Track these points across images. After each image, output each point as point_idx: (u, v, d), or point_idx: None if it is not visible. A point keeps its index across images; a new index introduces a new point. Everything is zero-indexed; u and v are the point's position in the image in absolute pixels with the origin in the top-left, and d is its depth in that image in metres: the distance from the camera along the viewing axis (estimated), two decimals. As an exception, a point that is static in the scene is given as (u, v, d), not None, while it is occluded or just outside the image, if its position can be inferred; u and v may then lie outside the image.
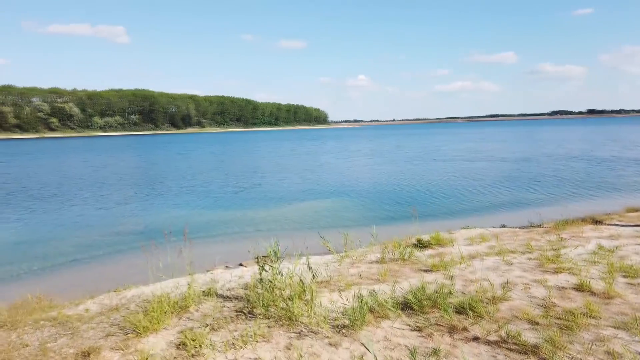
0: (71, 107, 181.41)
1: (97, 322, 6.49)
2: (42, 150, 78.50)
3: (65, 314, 7.05)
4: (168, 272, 10.44)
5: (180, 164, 46.10)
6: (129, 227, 17.04)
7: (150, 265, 11.75)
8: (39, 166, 46.05)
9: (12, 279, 11.63)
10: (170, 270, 10.89)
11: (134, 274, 11.11)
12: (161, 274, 10.05)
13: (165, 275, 9.94)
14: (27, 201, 23.16)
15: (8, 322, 6.76)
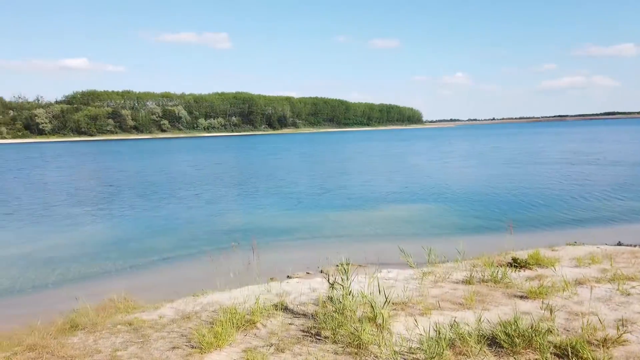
0: (180, 110, 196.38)
1: (167, 331, 6.50)
2: (153, 150, 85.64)
3: (141, 319, 7.18)
4: (247, 277, 10.45)
5: (271, 164, 47.46)
6: (215, 227, 17.59)
7: (230, 268, 11.90)
8: (148, 165, 50.14)
9: (104, 275, 12.41)
10: (250, 274, 10.90)
11: (216, 275, 11.25)
12: (240, 278, 10.03)
13: (244, 280, 9.91)
14: (132, 198, 25.13)
15: (89, 324, 7.03)
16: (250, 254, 14.48)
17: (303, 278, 12.03)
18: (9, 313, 9.91)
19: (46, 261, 13.69)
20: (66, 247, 15.36)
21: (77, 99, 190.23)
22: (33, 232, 17.80)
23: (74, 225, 18.63)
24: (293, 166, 44.66)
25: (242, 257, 13.22)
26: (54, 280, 12.12)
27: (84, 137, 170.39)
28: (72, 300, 9.43)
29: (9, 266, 13.37)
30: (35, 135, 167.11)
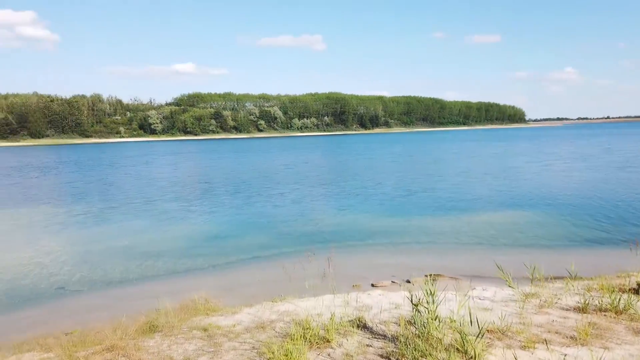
0: (275, 110, 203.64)
1: (240, 342, 6.23)
2: (249, 148, 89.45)
3: (216, 325, 7.02)
4: (328, 282, 10.02)
5: (359, 164, 46.95)
6: (297, 227, 17.45)
7: (310, 272, 11.54)
8: (242, 163, 52.27)
9: (188, 272, 12.71)
10: (330, 280, 10.45)
11: (295, 279, 11.00)
12: (320, 283, 9.61)
13: (324, 286, 9.48)
14: (223, 195, 26.10)
15: (167, 326, 7.01)
16: (331, 258, 14.07)
17: (387, 288, 11.35)
18: (100, 304, 10.46)
19: (138, 255, 14.44)
20: (157, 242, 16.13)
21: (184, 101, 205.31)
22: (131, 226, 19.04)
23: (168, 220, 19.64)
24: (381, 166, 43.76)
25: (323, 260, 12.84)
26: (143, 274, 12.68)
27: (189, 137, 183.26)
28: (157, 296, 9.67)
29: (104, 259, 14.26)
30: (148, 134, 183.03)
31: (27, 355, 6.77)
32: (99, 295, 11.42)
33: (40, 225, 19.34)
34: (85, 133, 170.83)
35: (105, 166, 53.55)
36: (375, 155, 61.67)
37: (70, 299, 11.24)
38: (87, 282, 12.15)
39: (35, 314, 10.27)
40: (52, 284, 12.05)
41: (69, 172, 46.49)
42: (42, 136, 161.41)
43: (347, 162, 51.27)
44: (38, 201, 26.22)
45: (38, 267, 13.43)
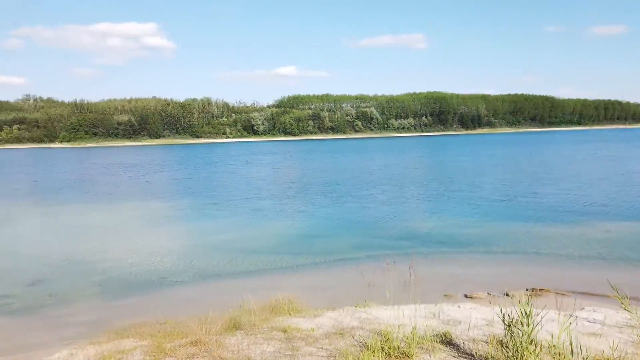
0: (372, 111, 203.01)
1: (317, 347, 6.08)
2: (344, 149, 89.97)
3: (296, 327, 6.95)
4: (417, 290, 9.50)
5: (456, 166, 44.82)
6: (385, 230, 16.96)
7: (398, 279, 11.09)
8: (336, 163, 52.64)
9: (274, 271, 12.87)
10: (420, 287, 9.92)
11: (381, 285, 10.65)
12: (408, 291, 9.18)
13: (412, 294, 9.02)
14: (314, 195, 26.39)
15: (249, 325, 7.08)
16: (419, 265, 13.44)
17: (482, 301, 10.56)
18: (194, 296, 11.00)
19: (231, 250, 15.01)
20: (249, 239, 16.67)
21: (285, 103, 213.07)
22: (227, 222, 19.96)
23: (261, 218, 20.28)
24: (481, 168, 41.33)
25: (410, 266, 12.29)
26: (235, 269, 13.14)
27: (289, 137, 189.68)
28: (245, 292, 9.89)
29: (201, 252, 15.01)
30: (251, 134, 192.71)
31: (125, 342, 7.25)
32: (194, 287, 12.03)
33: (147, 219, 21.08)
34: (196, 134, 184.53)
35: (210, 164, 57.29)
36: (475, 156, 58.58)
37: (169, 289, 11.97)
38: (185, 274, 12.87)
39: (137, 301, 11.07)
40: (155, 275, 12.95)
41: (178, 170, 50.50)
42: (159, 136, 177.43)
43: (444, 163, 49.31)
44: (148, 196, 28.69)
45: (144, 258, 14.55)
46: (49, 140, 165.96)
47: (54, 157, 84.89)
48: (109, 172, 49.59)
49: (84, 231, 18.91)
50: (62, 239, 17.54)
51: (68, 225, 20.28)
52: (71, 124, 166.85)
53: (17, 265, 14.08)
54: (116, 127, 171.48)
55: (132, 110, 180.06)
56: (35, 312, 10.53)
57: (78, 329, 9.27)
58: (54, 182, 40.44)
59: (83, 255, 14.96)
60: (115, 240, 17.05)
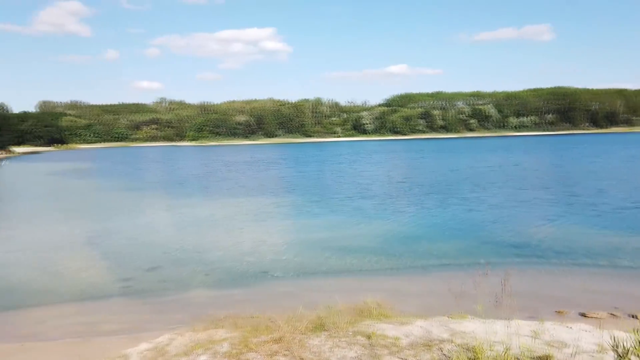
0: (488, 108, 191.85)
1: (400, 358, 5.78)
2: (455, 148, 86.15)
3: (382, 335, 6.68)
4: (524, 303, 8.67)
5: (584, 168, 40.15)
6: (490, 236, 15.75)
7: (499, 288, 10.19)
8: (444, 164, 50.44)
9: (366, 272, 12.59)
10: (522, 301, 9.02)
11: (478, 295, 9.86)
12: (510, 304, 8.35)
13: (513, 309, 8.20)
14: (417, 195, 25.55)
15: (334, 327, 6.97)
16: (532, 275, 12.25)
17: (600, 322, 9.28)
18: (287, 292, 11.19)
19: (327, 249, 15.05)
20: (346, 238, 16.58)
21: (395, 101, 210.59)
22: (327, 220, 20.15)
23: (359, 217, 20.16)
24: (613, 172, 36.55)
25: (520, 277, 11.21)
26: (329, 267, 13.15)
27: (398, 136, 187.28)
28: (335, 291, 9.83)
29: (299, 249, 15.27)
30: (360, 134, 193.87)
31: (219, 332, 7.61)
32: (290, 282, 12.28)
33: (254, 213, 22.11)
34: (307, 133, 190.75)
35: (317, 162, 58.72)
36: (609, 158, 52.10)
37: (268, 283, 12.37)
38: (283, 270, 13.20)
39: (238, 293, 11.60)
40: (256, 268, 13.47)
41: (286, 167, 52.57)
42: (273, 136, 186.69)
43: (570, 165, 44.63)
44: (256, 191, 30.17)
45: (248, 251, 15.25)
46: (179, 139, 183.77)
47: (181, 154, 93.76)
48: (226, 168, 53.34)
49: (197, 222, 20.46)
50: (178, 229, 19.15)
51: (184, 216, 22.10)
52: (197, 124, 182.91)
53: (139, 251, 15.65)
54: (235, 127, 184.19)
55: (250, 111, 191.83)
56: (147, 296, 11.55)
57: (182, 314, 9.93)
58: (178, 177, 44.61)
59: (194, 246, 16.14)
60: (224, 232, 18.15)
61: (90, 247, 16.38)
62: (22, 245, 16.80)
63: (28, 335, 8.81)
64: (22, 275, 13.16)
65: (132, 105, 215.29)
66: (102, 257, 14.93)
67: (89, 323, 9.75)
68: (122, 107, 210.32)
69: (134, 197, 30.57)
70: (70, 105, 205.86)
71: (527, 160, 52.50)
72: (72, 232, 18.83)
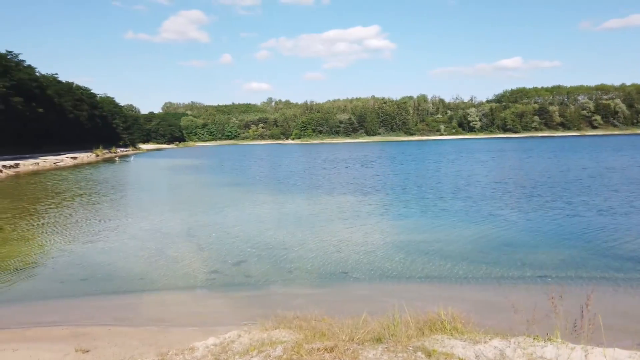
0: (616, 103, 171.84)
1: (457, 383, 5.19)
2: (573, 147, 78.35)
3: (445, 353, 6.08)
4: (620, 328, 7.40)
5: None
6: (593, 247, 13.73)
7: (597, 309, 8.88)
8: (556, 163, 45.89)
9: (447, 280, 11.69)
10: (623, 325, 7.74)
11: (569, 314, 8.62)
12: (609, 327, 7.22)
13: (610, 335, 7.05)
14: (513, 197, 23.35)
15: (393, 339, 6.53)
16: (635, 293, 10.54)
17: None
18: (361, 295, 10.82)
19: (408, 252, 14.31)
20: (430, 241, 15.64)
21: (506, 97, 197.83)
22: (412, 221, 19.29)
23: (448, 219, 19.05)
24: None
25: (626, 296, 9.66)
26: (406, 272, 12.48)
27: (508, 134, 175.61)
28: (409, 299, 9.27)
29: (381, 250, 14.74)
30: (467, 132, 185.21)
31: (281, 333, 7.56)
32: (367, 286, 11.92)
33: (342, 211, 21.99)
34: (410, 131, 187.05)
35: (414, 161, 57.11)
36: None
37: (346, 284, 12.12)
38: (363, 272, 12.85)
39: (316, 292, 11.51)
40: (337, 268, 13.28)
41: (382, 166, 51.86)
42: (374, 134, 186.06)
43: None
44: (345, 190, 30.04)
45: (331, 250, 15.13)
46: (284, 137, 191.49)
47: (284, 152, 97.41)
48: (323, 166, 54.23)
49: (286, 219, 20.90)
50: (267, 225, 19.72)
51: (274, 212, 22.75)
52: (301, 123, 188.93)
53: (229, 245, 16.35)
54: (338, 125, 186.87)
55: (352, 109, 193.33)
56: (229, 290, 11.94)
57: (260, 310, 10.07)
58: (276, 173, 46.33)
59: (281, 242, 16.45)
60: (310, 230, 18.27)
61: (187, 239, 17.51)
62: (126, 234, 18.48)
63: (116, 319, 9.59)
64: (121, 263, 14.44)
65: (243, 105, 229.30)
66: (196, 250, 15.84)
67: (171, 313, 10.33)
68: (233, 107, 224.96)
69: (233, 191, 32.28)
70: (189, 106, 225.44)
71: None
72: (174, 223, 20.30)
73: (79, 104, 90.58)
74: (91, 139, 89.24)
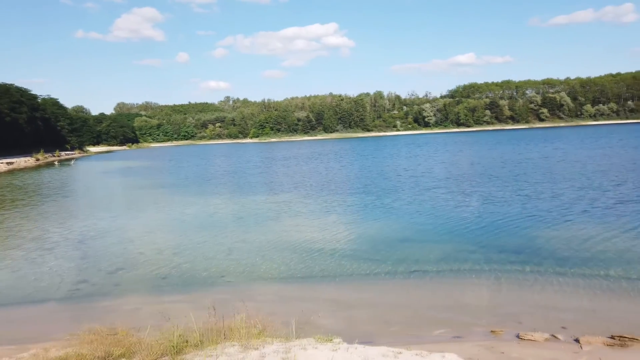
0: (562, 96, 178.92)
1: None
2: (517, 139, 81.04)
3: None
4: (457, 320, 7.72)
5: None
6: (471, 239, 14.28)
7: (434, 303, 9.31)
8: (493, 155, 47.42)
9: (320, 280, 11.92)
10: (467, 316, 8.06)
11: (424, 309, 8.97)
12: (416, 325, 7.57)
13: (419, 329, 7.39)
14: (412, 190, 24.11)
15: (147, 351, 6.61)
16: (498, 284, 11.04)
17: (537, 346, 8.47)
18: (218, 299, 10.83)
19: (267, 252, 14.40)
20: (308, 240, 15.81)
21: (459, 92, 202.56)
22: (305, 219, 19.47)
23: (340, 215, 19.32)
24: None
25: (488, 287, 10.08)
26: (268, 274, 12.60)
27: (462, 128, 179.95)
28: (265, 302, 9.32)
29: (240, 255, 14.80)
30: (422, 127, 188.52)
31: (70, 350, 7.41)
32: (227, 290, 11.96)
33: (236, 214, 21.99)
34: (367, 127, 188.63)
35: (351, 157, 57.75)
36: None
37: (207, 289, 12.12)
38: (235, 274, 12.88)
39: (167, 299, 11.40)
40: (212, 273, 13.26)
41: (304, 163, 52.20)
42: (333, 131, 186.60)
43: (618, 156, 40.00)
44: (262, 188, 30.04)
45: (200, 255, 15.11)
46: (242, 136, 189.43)
47: (237, 150, 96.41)
48: (261, 164, 54.11)
49: (178, 224, 20.79)
50: (157, 230, 19.57)
51: (170, 217, 22.58)
52: (259, 121, 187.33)
53: (109, 253, 16.08)
54: (296, 123, 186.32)
55: (310, 106, 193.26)
56: (86, 300, 11.76)
57: (95, 324, 9.83)
58: (207, 174, 45.99)
59: (158, 248, 16.29)
60: (200, 234, 18.16)
61: (75, 246, 17.16)
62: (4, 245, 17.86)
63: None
64: None
65: (200, 104, 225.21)
66: (78, 259, 15.53)
67: (12, 329, 10.14)
68: (190, 107, 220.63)
69: (152, 194, 31.71)
70: (144, 106, 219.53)
71: (574, 152, 47.91)
72: (69, 232, 19.73)
73: (18, 106, 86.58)
74: (33, 143, 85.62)
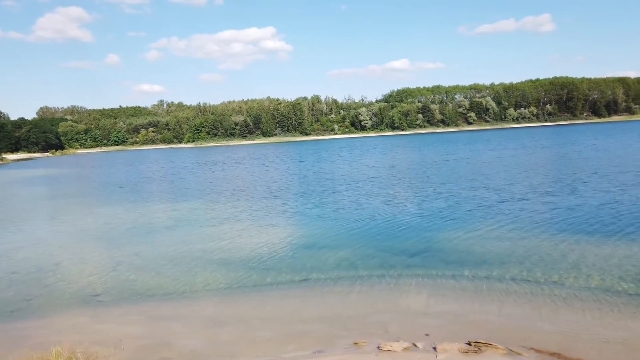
0: (487, 101, 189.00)
1: None
2: (453, 140, 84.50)
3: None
4: (325, 333, 7.59)
5: (593, 160, 37.99)
6: (354, 243, 14.53)
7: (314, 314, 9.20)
8: (423, 156, 49.06)
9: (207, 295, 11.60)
10: (333, 327, 7.95)
11: (294, 322, 8.86)
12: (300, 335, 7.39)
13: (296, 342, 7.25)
14: (313, 193, 24.43)
15: None
16: (380, 292, 11.16)
17: (397, 356, 8.43)
18: (72, 324, 10.24)
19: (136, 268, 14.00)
20: (213, 250, 15.54)
21: (393, 97, 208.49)
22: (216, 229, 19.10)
23: (237, 222, 19.15)
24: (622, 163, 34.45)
25: (371, 295, 10.11)
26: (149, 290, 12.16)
27: (396, 132, 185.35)
28: (124, 323, 8.90)
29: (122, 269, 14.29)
30: (359, 130, 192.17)
31: None
32: (83, 312, 11.40)
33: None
34: (305, 131, 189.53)
35: (274, 161, 57.85)
36: (614, 147, 49.50)
37: (63, 312, 11.46)
38: (114, 293, 12.29)
39: (23, 326, 10.66)
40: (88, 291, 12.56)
41: (229, 168, 51.77)
42: (271, 135, 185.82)
43: (573, 157, 42.62)
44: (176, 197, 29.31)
45: (87, 272, 14.37)
46: (177, 141, 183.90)
47: (155, 157, 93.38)
48: (189, 170, 52.76)
49: (78, 236, 19.74)
50: (54, 244, 18.42)
51: (69, 229, 21.51)
52: (194, 125, 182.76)
53: None
54: (233, 127, 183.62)
55: (247, 110, 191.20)
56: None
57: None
58: (123, 181, 44.37)
59: (57, 264, 15.39)
60: (91, 248, 17.34)
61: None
62: None
63: None
64: None
65: (131, 108, 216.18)
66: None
67: None
68: (120, 111, 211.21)
69: (53, 205, 30.02)
70: (70, 111, 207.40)
71: (487, 153, 50.73)
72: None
73: None
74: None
